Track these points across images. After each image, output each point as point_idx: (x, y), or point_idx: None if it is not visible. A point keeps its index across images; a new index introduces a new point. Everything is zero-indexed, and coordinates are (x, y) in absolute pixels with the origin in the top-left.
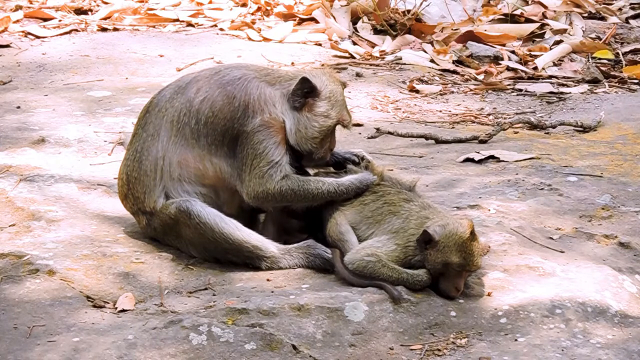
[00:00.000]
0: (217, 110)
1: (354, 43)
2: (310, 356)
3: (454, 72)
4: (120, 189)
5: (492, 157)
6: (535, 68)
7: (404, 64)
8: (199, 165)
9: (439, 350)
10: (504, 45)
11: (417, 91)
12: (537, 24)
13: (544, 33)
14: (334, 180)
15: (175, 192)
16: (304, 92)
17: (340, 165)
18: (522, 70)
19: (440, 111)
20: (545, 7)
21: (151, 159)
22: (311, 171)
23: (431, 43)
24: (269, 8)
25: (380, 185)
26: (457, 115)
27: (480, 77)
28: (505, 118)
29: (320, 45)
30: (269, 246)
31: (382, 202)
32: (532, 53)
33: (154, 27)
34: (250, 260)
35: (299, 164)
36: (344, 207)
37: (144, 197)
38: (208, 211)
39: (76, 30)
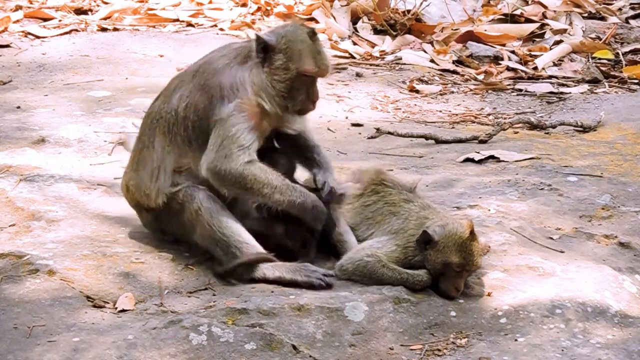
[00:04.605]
0: (201, 112)
1: (354, 43)
2: (310, 356)
3: (454, 72)
4: (122, 190)
5: (492, 157)
6: (535, 68)
7: (404, 64)
8: (193, 167)
9: (439, 350)
10: (504, 45)
11: (417, 91)
12: (537, 24)
13: (544, 33)
14: (290, 183)
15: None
16: (261, 49)
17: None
18: (522, 70)
19: (440, 111)
20: (545, 7)
21: (147, 170)
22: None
23: (431, 43)
24: (269, 8)
25: (383, 185)
26: (457, 115)
27: (480, 77)
28: (505, 118)
29: None
30: (260, 250)
31: (383, 202)
32: (532, 53)
33: (154, 27)
34: (234, 260)
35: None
36: (344, 208)
37: (145, 200)
38: (212, 199)
39: (76, 30)
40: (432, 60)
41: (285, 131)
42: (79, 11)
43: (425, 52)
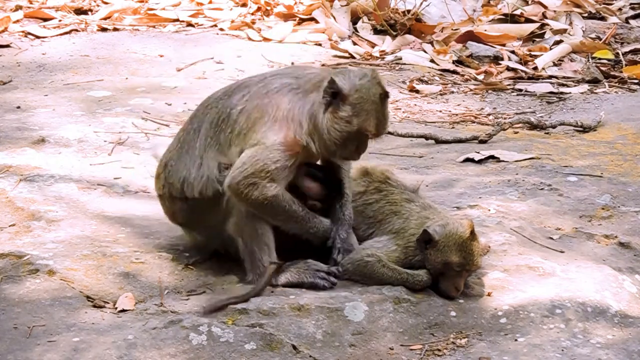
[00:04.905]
0: (251, 123)
1: (354, 43)
2: (310, 356)
3: (454, 72)
4: (157, 168)
5: (492, 157)
6: (535, 68)
7: (404, 64)
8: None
9: (439, 350)
10: (504, 45)
11: (417, 91)
12: (537, 24)
13: (544, 33)
14: (308, 213)
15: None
16: (331, 93)
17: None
18: (522, 70)
19: (440, 111)
20: (545, 7)
21: (190, 154)
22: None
23: (431, 43)
24: (269, 8)
25: (387, 184)
26: (457, 115)
27: (480, 77)
28: (505, 118)
29: (320, 45)
30: (273, 255)
31: (385, 201)
32: (532, 53)
33: (154, 27)
34: (247, 256)
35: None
36: None
37: (179, 184)
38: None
39: (76, 30)
40: (432, 60)
41: (333, 159)
42: (79, 11)
43: (425, 52)
